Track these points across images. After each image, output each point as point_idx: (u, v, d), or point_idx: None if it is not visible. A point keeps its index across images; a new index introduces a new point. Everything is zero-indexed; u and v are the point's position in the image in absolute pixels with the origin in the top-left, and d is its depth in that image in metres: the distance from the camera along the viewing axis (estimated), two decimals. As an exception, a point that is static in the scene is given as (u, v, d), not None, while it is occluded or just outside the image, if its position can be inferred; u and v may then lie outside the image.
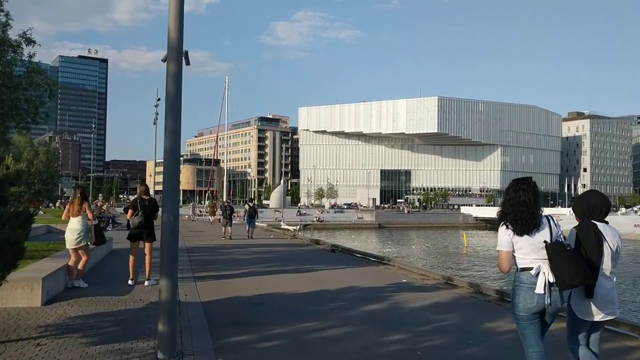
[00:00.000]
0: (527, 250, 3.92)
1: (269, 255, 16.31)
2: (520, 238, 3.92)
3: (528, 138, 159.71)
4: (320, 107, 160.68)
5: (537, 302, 3.86)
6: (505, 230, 3.97)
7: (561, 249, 3.85)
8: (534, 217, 3.93)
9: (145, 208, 10.01)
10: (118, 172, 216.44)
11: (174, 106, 5.33)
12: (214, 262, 14.13)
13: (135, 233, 10.13)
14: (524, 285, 3.91)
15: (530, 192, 3.97)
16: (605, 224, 4.18)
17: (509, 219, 3.97)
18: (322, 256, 16.48)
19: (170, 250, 5.33)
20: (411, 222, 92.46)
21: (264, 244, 20.53)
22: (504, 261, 3.96)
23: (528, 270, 3.91)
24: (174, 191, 5.42)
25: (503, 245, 3.97)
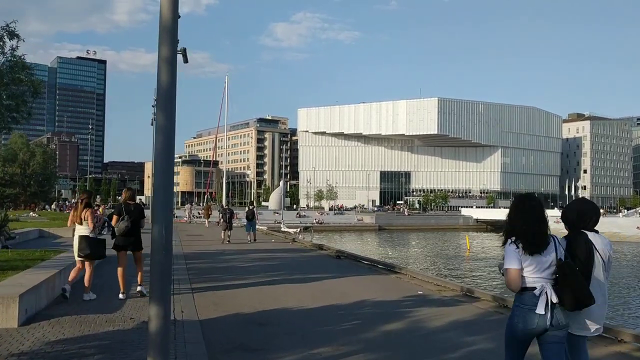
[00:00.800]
0: (534, 269, 3.77)
1: (271, 262, 15.43)
2: (528, 257, 3.76)
3: (528, 139, 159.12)
4: (319, 108, 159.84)
5: (538, 324, 3.72)
6: (515, 247, 3.80)
7: (573, 270, 3.76)
8: (546, 236, 3.83)
9: (131, 213, 9.28)
10: (116, 173, 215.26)
11: (168, 98, 4.44)
12: (213, 270, 13.26)
13: (121, 242, 9.39)
14: (525, 306, 3.76)
15: (541, 209, 3.89)
16: (596, 233, 4.06)
17: (520, 237, 3.81)
18: (327, 263, 15.60)
19: (162, 272, 4.43)
20: (411, 224, 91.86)
21: (265, 249, 19.66)
22: (515, 280, 3.77)
23: (531, 290, 3.76)
24: (167, 198, 4.51)
25: (513, 262, 3.78)
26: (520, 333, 3.80)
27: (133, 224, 9.23)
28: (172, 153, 4.50)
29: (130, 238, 9.29)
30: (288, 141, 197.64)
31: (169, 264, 4.55)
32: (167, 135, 4.39)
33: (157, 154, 4.39)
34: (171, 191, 4.57)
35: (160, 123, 4.39)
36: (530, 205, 3.89)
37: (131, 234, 9.26)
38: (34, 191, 60.18)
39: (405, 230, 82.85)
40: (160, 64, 4.42)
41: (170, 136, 4.42)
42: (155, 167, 4.43)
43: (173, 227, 10.55)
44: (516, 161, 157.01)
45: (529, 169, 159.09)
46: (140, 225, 9.37)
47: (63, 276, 9.45)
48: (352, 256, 17.11)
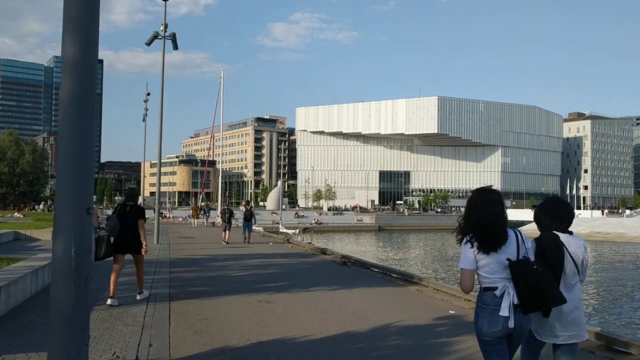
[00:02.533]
0: (492, 268, 3.53)
1: (269, 270, 13.47)
2: (485, 255, 3.53)
3: (529, 139, 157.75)
4: (318, 107, 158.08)
5: (503, 326, 3.49)
6: (469, 245, 3.57)
7: (527, 268, 3.49)
8: (504, 232, 3.58)
9: (124, 214, 8.71)
10: (113, 173, 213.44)
11: (82, 15, 2.48)
12: (200, 281, 11.29)
13: (116, 243, 8.66)
14: (487, 306, 3.53)
15: (499, 203, 3.61)
16: (569, 234, 3.85)
17: (475, 234, 3.57)
18: (333, 271, 13.65)
19: (65, 321, 2.46)
20: (412, 224, 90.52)
21: (262, 253, 17.71)
22: (467, 280, 3.59)
23: (492, 290, 3.54)
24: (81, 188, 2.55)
25: (467, 262, 3.57)
26: (487, 335, 3.54)
27: (129, 225, 8.61)
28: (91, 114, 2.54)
29: (124, 239, 8.64)
30: (286, 141, 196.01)
31: (82, 307, 2.56)
32: (78, 79, 2.42)
33: (63, 115, 2.42)
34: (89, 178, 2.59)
35: (67, 55, 2.41)
36: (485, 200, 3.61)
37: (125, 235, 8.62)
38: (23, 191, 58.17)
39: (405, 230, 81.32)
40: None
41: (85, 82, 2.45)
42: (60, 140, 2.46)
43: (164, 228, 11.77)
44: (517, 161, 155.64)
45: (529, 169, 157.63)
46: (138, 226, 8.75)
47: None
48: (359, 262, 15.14)
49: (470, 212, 3.66)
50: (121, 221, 8.59)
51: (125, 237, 8.65)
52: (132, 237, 8.72)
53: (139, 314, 7.67)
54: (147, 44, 20.08)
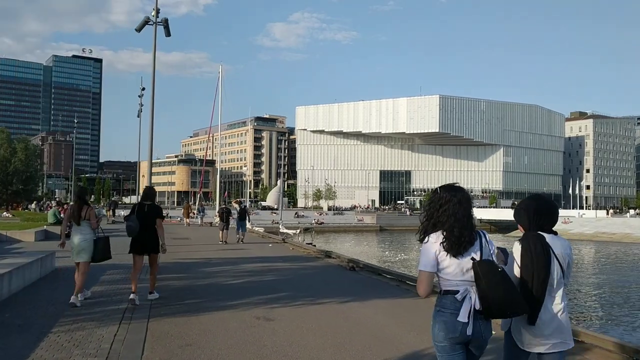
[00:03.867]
0: (453, 271, 3.28)
1: (268, 276, 11.93)
2: (449, 257, 3.27)
3: (530, 138, 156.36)
4: (318, 106, 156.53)
5: (461, 332, 3.23)
6: (431, 245, 3.30)
7: (491, 270, 3.23)
8: (471, 234, 3.33)
9: (142, 214, 8.53)
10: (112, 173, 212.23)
11: None
12: (189, 291, 9.75)
13: (134, 243, 8.57)
14: (446, 310, 3.27)
15: (469, 204, 3.40)
16: (554, 234, 3.58)
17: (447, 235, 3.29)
18: (341, 278, 12.13)
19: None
20: (414, 224, 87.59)
21: (261, 257, 16.19)
22: (425, 284, 3.30)
23: (452, 293, 3.28)
24: None
25: (427, 264, 3.28)
26: (443, 341, 3.27)
27: (147, 224, 8.50)
28: None
29: (143, 239, 8.51)
30: (285, 140, 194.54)
31: None
32: None
33: None
34: None
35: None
36: (460, 199, 3.35)
37: (143, 235, 8.47)
38: (16, 190, 56.59)
39: (407, 231, 79.85)
40: None
41: None
42: None
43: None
44: (518, 160, 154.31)
45: (531, 168, 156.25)
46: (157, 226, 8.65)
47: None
48: (369, 267, 13.60)
49: (439, 211, 3.36)
50: (139, 221, 8.41)
51: (144, 237, 8.48)
52: (151, 237, 8.56)
53: (106, 337, 6.15)
54: (138, 30, 18.63)
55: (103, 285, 9.71)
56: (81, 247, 8.28)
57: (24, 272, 9.38)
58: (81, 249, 8.28)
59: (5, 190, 55.04)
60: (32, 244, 18.35)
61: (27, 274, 9.61)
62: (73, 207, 8.52)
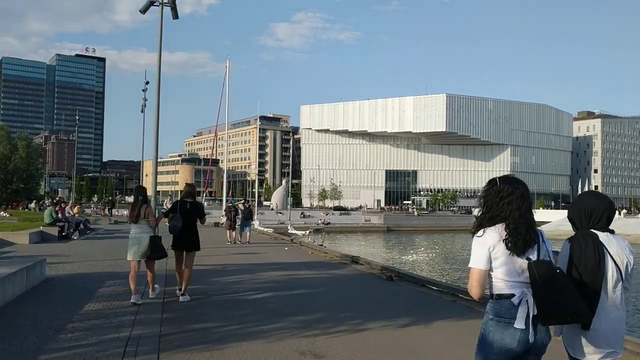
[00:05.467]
0: (508, 270, 2.97)
1: (297, 289, 10.06)
2: (505, 252, 2.96)
3: (538, 138, 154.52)
4: (323, 105, 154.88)
5: (520, 341, 2.91)
6: (486, 240, 3.00)
7: (550, 272, 2.92)
8: (535, 231, 3.06)
9: (185, 211, 8.63)
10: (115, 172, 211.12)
11: None
12: (206, 310, 7.95)
13: (176, 241, 8.73)
14: (502, 319, 2.95)
15: (529, 197, 3.13)
16: (610, 233, 3.24)
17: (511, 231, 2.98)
18: (381, 290, 10.33)
19: None
20: (421, 225, 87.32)
21: (281, 262, 14.42)
22: (479, 284, 2.99)
23: (507, 297, 2.96)
24: None
25: (480, 261, 2.99)
26: (500, 353, 2.95)
27: (187, 222, 8.61)
28: None
29: (184, 236, 8.64)
30: (290, 139, 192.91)
31: None
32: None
33: None
34: None
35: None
36: (522, 193, 3.06)
37: (185, 232, 8.61)
38: (16, 188, 54.91)
39: (414, 231, 78.15)
40: None
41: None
42: None
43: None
44: (526, 160, 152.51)
45: (538, 168, 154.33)
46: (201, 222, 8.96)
47: None
48: (409, 277, 11.81)
49: (499, 204, 3.03)
50: (182, 218, 8.47)
51: (186, 234, 8.56)
52: (192, 234, 8.66)
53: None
54: (142, 11, 17.07)
55: (100, 302, 7.96)
56: (140, 246, 8.25)
57: (3, 285, 7.63)
58: (140, 247, 8.25)
59: (5, 189, 53.38)
60: (26, 247, 16.66)
61: (8, 287, 7.88)
62: (132, 206, 8.47)
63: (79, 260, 13.37)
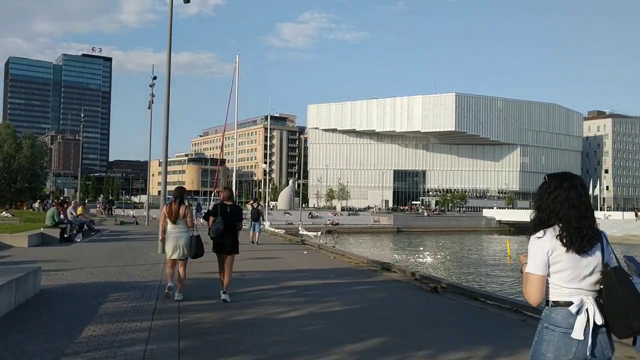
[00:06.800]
0: (568, 276, 2.75)
1: (333, 305, 8.49)
2: (563, 258, 2.73)
3: (548, 137, 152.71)
4: (330, 104, 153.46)
5: (576, 353, 2.68)
6: (544, 242, 2.76)
7: (625, 278, 2.71)
8: (593, 226, 2.83)
9: (226, 215, 8.58)
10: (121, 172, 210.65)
11: None
12: (230, 334, 6.47)
13: (218, 243, 8.60)
14: (557, 328, 2.73)
15: (585, 190, 2.90)
16: None
17: (565, 228, 2.76)
18: (429, 306, 8.84)
19: None
20: (431, 225, 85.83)
21: (304, 269, 12.96)
22: (537, 289, 2.76)
23: (565, 305, 2.74)
24: None
25: (538, 266, 2.76)
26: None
27: (229, 225, 8.60)
28: None
29: (226, 239, 8.60)
30: (296, 139, 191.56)
31: None
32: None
33: None
34: None
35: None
36: (572, 183, 2.83)
37: (226, 236, 8.58)
38: (20, 188, 53.79)
39: (424, 232, 76.62)
40: None
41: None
42: None
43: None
44: (535, 160, 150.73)
45: (548, 168, 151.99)
46: (238, 227, 8.95)
47: None
48: (455, 288, 10.33)
49: (549, 199, 2.82)
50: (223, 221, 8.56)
51: (227, 237, 8.62)
52: (233, 238, 8.74)
53: None
54: (187, 0, 15.78)
55: (102, 323, 6.53)
56: (179, 245, 8.38)
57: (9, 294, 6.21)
58: (179, 247, 8.38)
59: (9, 188, 52.25)
60: (24, 250, 15.31)
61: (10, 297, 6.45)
62: (171, 206, 8.51)
63: (80, 267, 11.99)
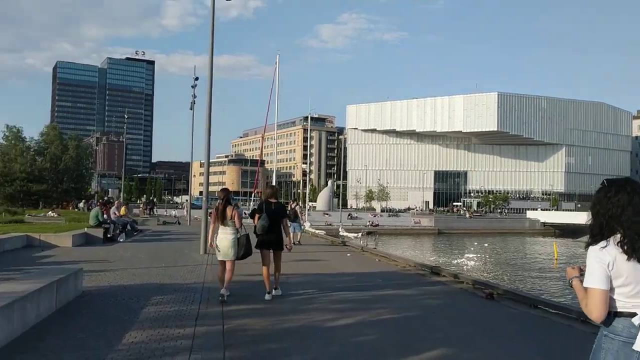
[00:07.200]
0: (632, 289, 2.60)
1: (385, 313, 7.84)
2: (626, 267, 2.57)
3: (595, 137, 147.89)
4: (369, 105, 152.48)
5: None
6: (603, 256, 2.61)
7: None
8: None
9: (270, 212, 8.81)
10: (164, 173, 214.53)
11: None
12: (279, 344, 6.06)
13: (263, 240, 8.87)
14: (617, 336, 2.61)
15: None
16: None
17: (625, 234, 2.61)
18: (487, 314, 8.21)
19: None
20: (473, 227, 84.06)
21: (349, 273, 12.49)
22: (601, 305, 2.59)
23: (628, 316, 2.61)
24: None
25: (600, 280, 2.59)
26: None
27: (273, 222, 8.80)
28: None
29: (271, 236, 8.82)
30: (335, 140, 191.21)
31: None
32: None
33: None
34: None
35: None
36: (634, 187, 2.71)
37: (272, 232, 8.81)
38: (66, 188, 54.97)
39: (466, 234, 75.05)
40: None
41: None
42: None
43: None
44: (581, 161, 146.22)
45: (595, 169, 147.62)
46: (282, 224, 9.12)
47: None
48: (512, 295, 9.67)
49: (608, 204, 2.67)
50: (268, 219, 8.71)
51: (272, 234, 8.76)
52: (278, 234, 8.90)
53: None
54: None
55: (143, 329, 6.20)
56: (228, 246, 8.55)
57: (23, 308, 5.95)
58: (228, 248, 8.55)
59: (56, 188, 53.45)
60: (68, 250, 15.33)
61: (31, 309, 6.20)
62: (219, 208, 8.70)
63: (123, 268, 11.82)
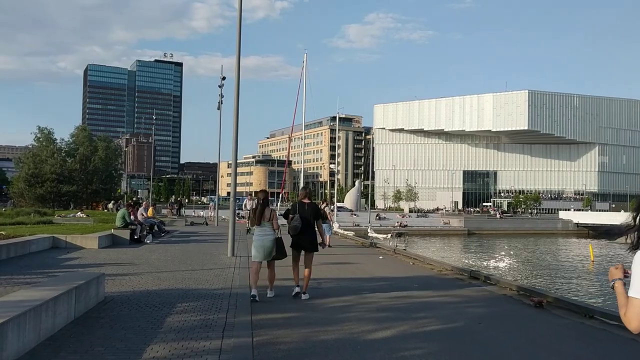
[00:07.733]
0: None
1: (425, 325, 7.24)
2: None
3: (630, 135, 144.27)
4: (397, 104, 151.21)
5: None
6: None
7: None
8: None
9: (303, 212, 8.88)
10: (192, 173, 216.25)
11: None
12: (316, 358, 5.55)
13: (296, 241, 8.93)
14: None
15: None
16: None
17: None
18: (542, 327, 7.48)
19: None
20: (504, 228, 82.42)
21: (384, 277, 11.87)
22: None
23: None
24: None
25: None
26: None
27: (306, 223, 8.83)
28: None
29: (303, 237, 8.86)
30: (362, 140, 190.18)
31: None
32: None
33: None
34: None
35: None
36: None
37: (305, 233, 8.83)
38: (96, 189, 55.43)
39: (497, 235, 73.56)
40: None
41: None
42: None
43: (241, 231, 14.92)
44: (615, 160, 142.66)
45: (630, 168, 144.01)
46: (317, 225, 9.10)
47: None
48: (564, 303, 8.94)
49: None
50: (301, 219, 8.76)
51: (304, 235, 8.78)
52: (312, 235, 8.92)
53: None
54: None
55: (167, 341, 5.70)
56: (272, 247, 8.62)
57: (37, 317, 5.50)
58: (272, 248, 8.63)
59: (85, 189, 53.92)
60: (94, 252, 15.02)
61: (45, 320, 5.74)
62: (256, 209, 8.75)
63: (148, 271, 11.40)
